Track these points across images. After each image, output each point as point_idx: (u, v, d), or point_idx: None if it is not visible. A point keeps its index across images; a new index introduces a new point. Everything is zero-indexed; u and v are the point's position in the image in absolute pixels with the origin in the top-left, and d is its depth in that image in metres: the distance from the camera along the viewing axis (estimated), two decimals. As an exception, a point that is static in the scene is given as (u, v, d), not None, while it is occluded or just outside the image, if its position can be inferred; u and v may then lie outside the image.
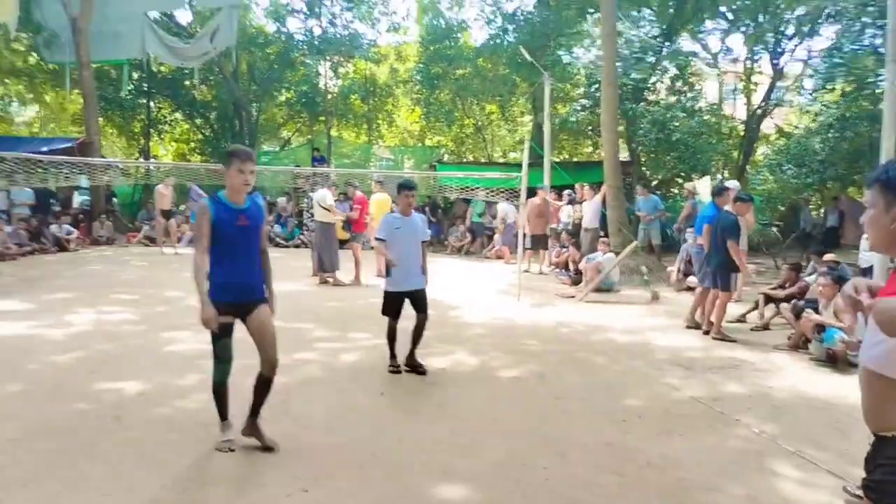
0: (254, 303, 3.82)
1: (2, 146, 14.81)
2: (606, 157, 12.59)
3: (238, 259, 3.75)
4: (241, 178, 3.71)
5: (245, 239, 3.78)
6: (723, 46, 19.60)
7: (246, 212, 3.80)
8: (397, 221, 5.63)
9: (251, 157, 3.78)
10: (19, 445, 3.91)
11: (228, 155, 3.77)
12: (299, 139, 25.37)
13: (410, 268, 5.54)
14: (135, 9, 18.34)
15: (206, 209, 3.67)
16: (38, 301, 8.43)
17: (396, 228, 5.57)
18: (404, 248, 5.52)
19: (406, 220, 5.64)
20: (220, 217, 3.68)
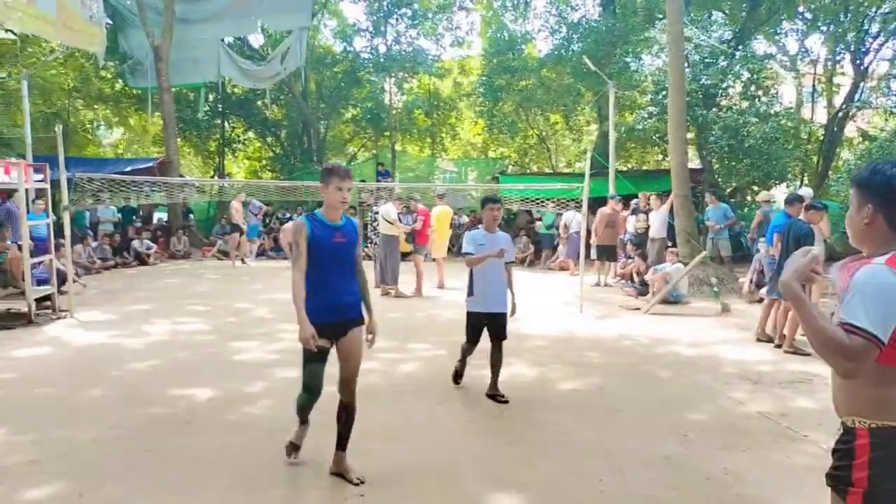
0: (350, 322, 3.72)
1: (90, 167, 15.87)
2: (674, 166, 12.29)
3: (335, 278, 3.66)
4: (340, 195, 3.61)
5: (342, 257, 3.68)
6: (801, 47, 18.88)
7: (342, 229, 3.69)
8: (481, 238, 5.31)
9: (349, 175, 3.69)
10: (101, 445, 4.18)
11: (327, 172, 3.66)
12: (364, 154, 25.94)
13: (493, 288, 5.21)
14: (211, 35, 19.32)
15: (303, 227, 3.57)
16: (120, 312, 8.96)
17: (480, 245, 5.25)
18: (488, 268, 5.20)
19: (491, 237, 5.30)
20: (316, 235, 3.57)
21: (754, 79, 15.89)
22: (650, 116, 16.32)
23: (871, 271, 1.85)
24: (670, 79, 12.38)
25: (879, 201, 1.95)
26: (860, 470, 1.88)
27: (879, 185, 1.95)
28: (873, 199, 1.97)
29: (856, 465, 1.89)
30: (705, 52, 15.55)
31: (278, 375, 5.87)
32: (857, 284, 1.85)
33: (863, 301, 1.80)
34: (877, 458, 1.86)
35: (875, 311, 1.78)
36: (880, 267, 1.85)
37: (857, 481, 1.89)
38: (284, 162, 23.45)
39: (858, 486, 1.88)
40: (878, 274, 1.84)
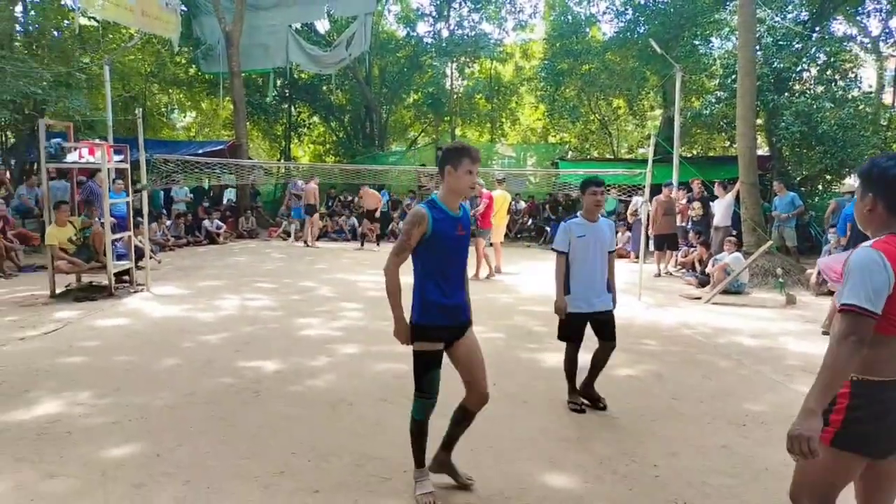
0: (464, 325, 3.36)
1: (165, 149, 16.63)
2: (741, 152, 11.90)
3: (453, 275, 3.25)
4: (470, 179, 3.19)
5: (460, 251, 3.29)
6: (884, 28, 17.84)
7: (462, 220, 3.27)
8: (580, 228, 4.59)
9: (479, 157, 3.26)
10: (174, 412, 4.46)
11: (456, 152, 3.18)
12: (425, 139, 26.13)
13: (594, 285, 4.60)
14: (280, 21, 19.82)
15: (424, 217, 3.10)
16: (192, 287, 9.42)
17: (580, 237, 4.56)
18: (588, 261, 4.56)
19: (592, 226, 4.60)
20: (438, 227, 3.13)
21: (831, 62, 15.15)
22: (718, 101, 15.81)
23: (858, 254, 2.13)
24: (740, 62, 11.96)
25: (879, 190, 2.21)
26: (837, 413, 2.16)
27: (878, 176, 2.21)
28: (874, 188, 2.22)
29: (835, 409, 2.16)
30: (779, 35, 14.91)
31: (341, 351, 6.09)
32: (849, 268, 2.13)
33: (853, 282, 2.08)
34: (853, 405, 2.15)
35: (864, 289, 2.05)
36: (866, 249, 2.12)
37: (833, 422, 2.16)
38: (347, 146, 23.90)
39: (832, 426, 2.16)
40: (863, 256, 2.11)
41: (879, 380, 2.13)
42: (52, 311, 7.58)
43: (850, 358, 2.04)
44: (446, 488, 3.45)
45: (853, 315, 2.05)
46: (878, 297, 2.05)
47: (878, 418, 2.13)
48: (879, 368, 2.13)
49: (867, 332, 2.05)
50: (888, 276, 2.06)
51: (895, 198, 2.18)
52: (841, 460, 2.19)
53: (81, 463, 3.63)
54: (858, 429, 2.14)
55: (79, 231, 8.67)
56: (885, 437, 2.16)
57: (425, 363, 3.23)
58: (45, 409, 4.43)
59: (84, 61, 16.21)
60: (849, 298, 2.07)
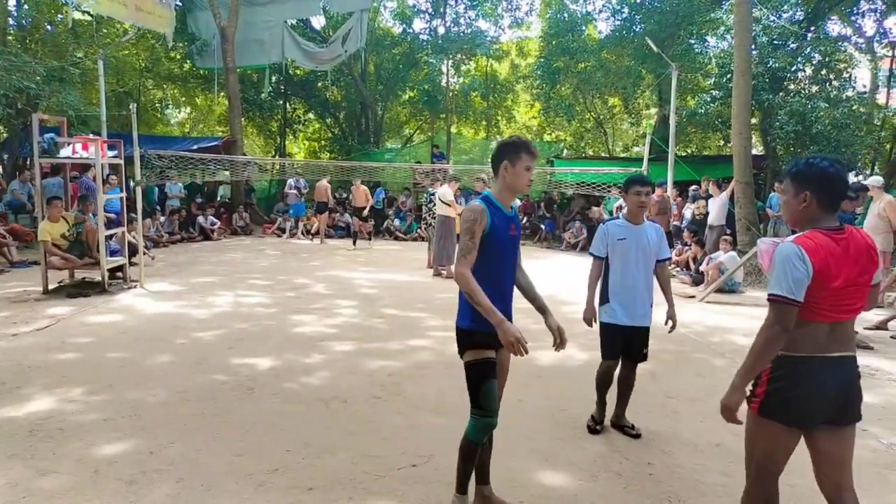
0: None
1: (159, 145, 16.56)
2: (736, 152, 11.95)
3: (505, 278, 3.05)
4: (528, 176, 3.00)
5: (513, 252, 3.08)
6: (879, 28, 17.89)
7: (514, 219, 3.09)
8: (620, 230, 4.12)
9: (537, 152, 3.07)
10: (168, 408, 4.44)
11: (513, 147, 2.98)
12: (420, 136, 26.10)
13: (636, 295, 4.09)
14: (276, 17, 19.74)
15: (483, 214, 2.90)
16: (186, 284, 9.39)
17: (620, 240, 4.09)
18: (630, 267, 4.07)
19: (635, 229, 4.10)
20: (495, 224, 2.93)
21: (826, 62, 15.18)
22: (713, 100, 15.84)
23: (782, 248, 2.38)
24: (736, 61, 12.00)
25: (815, 188, 2.41)
26: (762, 386, 2.46)
27: (814, 175, 2.42)
28: (810, 186, 2.42)
29: (760, 382, 2.46)
30: (774, 34, 14.93)
31: (335, 348, 6.08)
32: (774, 261, 2.38)
33: (778, 274, 2.34)
34: (774, 377, 2.42)
35: (786, 280, 2.31)
36: (789, 244, 2.37)
37: (759, 394, 2.47)
38: (342, 143, 23.85)
39: (758, 398, 2.47)
40: (786, 250, 2.35)
41: (797, 355, 2.39)
42: (45, 308, 7.54)
43: (776, 342, 2.34)
44: (438, 483, 3.44)
45: (778, 304, 2.32)
46: (799, 288, 2.30)
47: (795, 387, 2.39)
48: (797, 346, 2.38)
49: (790, 320, 2.32)
50: (807, 268, 2.30)
51: (829, 195, 2.41)
52: (768, 428, 2.46)
53: (74, 460, 3.61)
54: (778, 398, 2.41)
55: (72, 227, 8.62)
56: (803, 406, 2.39)
57: (481, 373, 2.94)
58: (37, 406, 4.40)
59: (78, 56, 16.10)
60: (774, 289, 2.33)
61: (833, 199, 2.43)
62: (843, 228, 2.42)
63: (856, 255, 2.38)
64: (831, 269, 2.32)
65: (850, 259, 2.36)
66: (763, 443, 2.50)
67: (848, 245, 2.38)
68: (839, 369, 2.40)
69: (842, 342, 2.41)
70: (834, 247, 2.35)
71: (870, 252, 2.42)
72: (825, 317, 2.36)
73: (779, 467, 2.53)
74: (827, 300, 2.34)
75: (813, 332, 2.38)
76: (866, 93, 17.54)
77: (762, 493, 2.56)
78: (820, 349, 2.38)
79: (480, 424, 2.95)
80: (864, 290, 2.42)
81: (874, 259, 2.44)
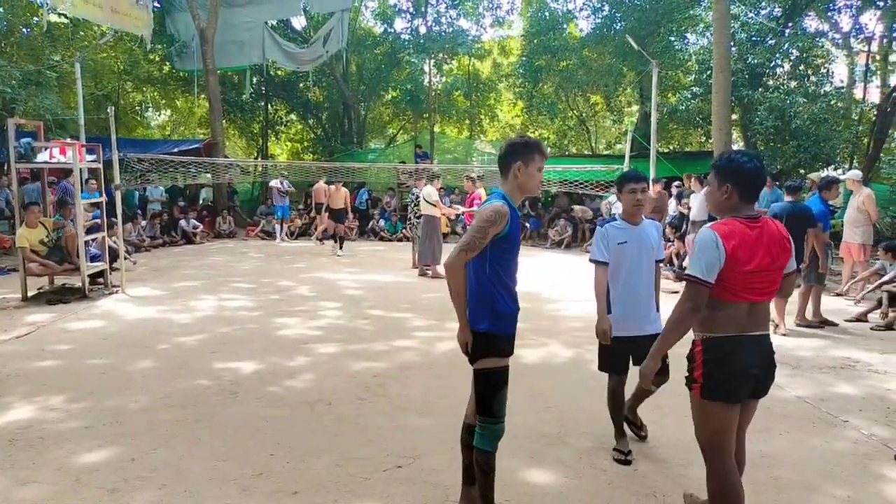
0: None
1: (139, 148, 16.37)
2: (717, 147, 12.05)
3: (515, 279, 2.96)
4: (540, 177, 2.95)
5: (517, 253, 2.98)
6: (855, 24, 18.14)
7: (520, 220, 3.04)
8: (620, 233, 3.82)
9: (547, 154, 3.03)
10: (150, 415, 4.39)
11: (527, 147, 2.91)
12: (403, 136, 26.06)
13: (640, 302, 3.85)
14: (256, 18, 19.58)
15: (505, 218, 2.78)
16: (168, 288, 9.30)
17: (620, 244, 3.79)
18: (633, 273, 3.80)
19: (635, 230, 3.83)
20: (513, 225, 2.84)
21: (804, 58, 15.38)
22: (694, 97, 15.99)
23: (700, 234, 2.62)
24: (715, 58, 12.12)
25: (735, 181, 2.63)
26: (699, 369, 2.65)
27: (735, 170, 2.64)
28: (731, 179, 2.64)
29: (696, 366, 2.66)
30: (753, 31, 15.10)
31: (319, 351, 6.05)
32: (694, 245, 2.65)
33: (695, 257, 2.58)
34: (707, 360, 2.63)
35: (700, 263, 2.54)
36: (706, 230, 2.60)
37: (697, 378, 2.65)
38: (325, 144, 23.74)
39: (698, 382, 2.65)
40: (703, 235, 2.59)
41: (721, 336, 2.62)
42: (24, 315, 7.43)
43: (689, 318, 2.61)
44: (424, 483, 3.43)
45: (691, 284, 2.58)
46: (711, 270, 2.53)
47: (725, 366, 2.60)
48: (719, 327, 2.61)
49: (702, 298, 2.56)
50: (720, 252, 2.52)
51: (747, 188, 2.64)
52: (711, 409, 2.64)
53: (55, 468, 3.56)
54: (714, 379, 2.61)
55: (51, 232, 8.50)
56: (732, 382, 2.61)
57: (498, 382, 2.85)
58: (17, 415, 4.34)
59: (55, 59, 15.91)
60: (690, 270, 2.57)
61: (751, 192, 2.67)
62: (759, 218, 2.64)
63: (769, 242, 2.59)
64: (744, 253, 2.54)
65: (763, 246, 2.58)
66: (712, 423, 2.67)
67: (762, 233, 2.60)
68: (759, 345, 2.65)
69: (759, 322, 2.66)
70: (748, 233, 2.57)
71: (783, 242, 2.64)
72: (742, 298, 2.59)
73: (731, 444, 2.70)
74: (741, 282, 2.56)
75: (734, 313, 2.60)
76: (844, 88, 17.79)
77: (724, 470, 2.69)
78: (741, 329, 2.61)
79: (494, 432, 2.89)
80: (777, 275, 2.65)
81: (787, 248, 2.66)
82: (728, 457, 2.68)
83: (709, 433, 2.69)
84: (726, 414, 2.63)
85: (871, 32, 18.24)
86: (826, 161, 14.80)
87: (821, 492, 3.41)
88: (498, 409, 2.86)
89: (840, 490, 3.42)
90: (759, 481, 3.53)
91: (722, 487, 2.69)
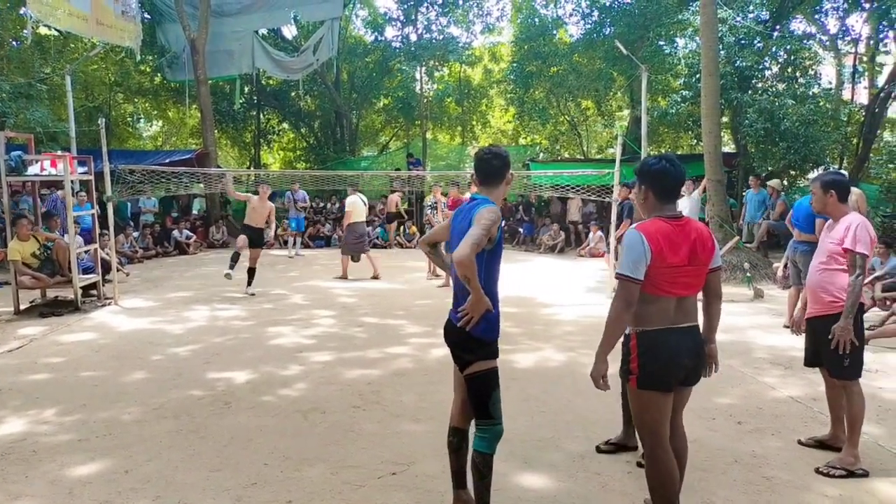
0: None
1: (131, 159, 16.35)
2: (707, 150, 12.11)
3: (497, 286, 3.02)
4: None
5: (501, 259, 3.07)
6: (842, 26, 18.31)
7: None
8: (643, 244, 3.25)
9: None
10: (144, 426, 4.38)
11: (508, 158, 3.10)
12: (396, 144, 26.10)
13: None
14: (246, 27, 19.63)
15: (500, 215, 2.93)
16: (161, 299, 9.28)
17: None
18: None
19: None
20: (500, 230, 2.95)
21: (792, 60, 15.49)
22: (683, 100, 16.07)
23: (627, 235, 2.77)
24: (703, 62, 12.18)
25: (648, 183, 2.84)
26: (634, 363, 2.81)
27: (647, 172, 2.85)
28: (646, 181, 2.85)
29: (632, 358, 2.83)
30: (741, 34, 15.21)
31: (313, 359, 6.04)
32: (623, 245, 2.80)
33: (623, 256, 2.74)
34: (641, 353, 2.79)
35: (627, 261, 2.70)
36: (632, 230, 2.76)
37: (633, 370, 2.82)
38: (318, 152, 23.75)
39: (634, 374, 2.81)
40: (630, 236, 2.75)
41: (653, 329, 2.78)
42: (17, 328, 7.40)
43: (623, 313, 2.73)
44: (418, 490, 3.44)
45: (622, 281, 2.73)
46: (638, 267, 2.68)
47: (658, 358, 2.76)
48: (651, 320, 2.78)
49: (633, 294, 2.71)
50: (644, 250, 2.68)
51: (660, 188, 2.82)
52: (647, 397, 2.80)
53: (48, 482, 3.55)
54: (649, 370, 2.77)
55: (42, 245, 8.48)
56: (664, 372, 2.77)
57: (491, 383, 2.96)
58: (9, 429, 4.32)
59: (45, 72, 15.88)
60: (620, 269, 2.73)
61: (665, 192, 2.83)
62: (681, 217, 2.81)
63: (691, 240, 2.75)
64: (668, 249, 2.70)
65: (686, 243, 2.74)
66: (649, 411, 2.82)
67: (684, 231, 2.76)
68: (689, 336, 2.82)
69: (687, 314, 2.82)
70: (671, 231, 2.73)
71: (704, 240, 2.79)
72: (669, 292, 2.76)
73: (666, 430, 2.85)
74: (667, 277, 2.72)
75: (664, 307, 2.77)
76: (832, 89, 17.92)
77: (661, 454, 2.83)
78: (671, 322, 2.78)
79: (494, 434, 2.96)
80: (701, 270, 2.81)
81: (710, 245, 2.81)
82: (663, 441, 2.83)
83: (645, 421, 2.84)
84: (660, 402, 2.80)
85: (857, 34, 18.43)
86: (816, 162, 14.90)
87: (813, 490, 3.43)
88: (494, 410, 2.96)
89: (832, 489, 3.44)
90: (752, 481, 3.55)
91: (658, 470, 2.84)
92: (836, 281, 3.72)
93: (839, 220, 3.77)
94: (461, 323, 2.84)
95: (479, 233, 2.77)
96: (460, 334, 2.91)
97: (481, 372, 2.93)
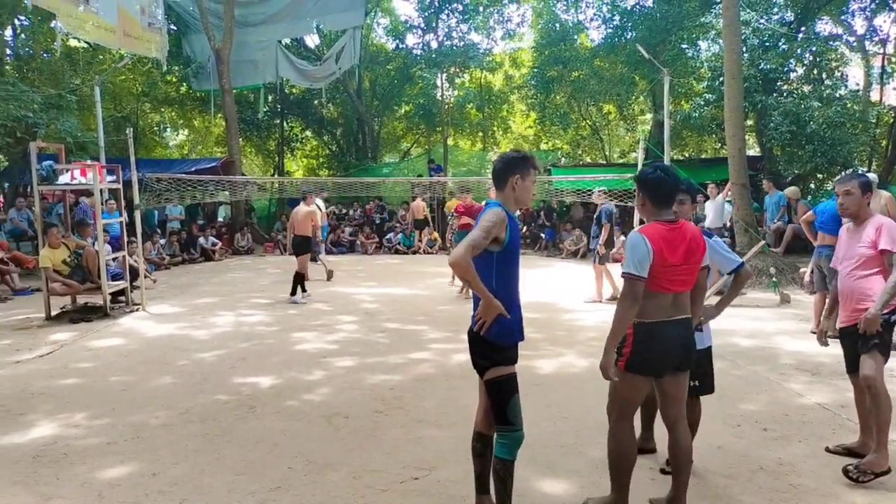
0: None
1: (158, 168, 16.64)
2: (731, 154, 11.99)
3: (518, 288, 3.04)
4: (534, 189, 3.11)
5: (519, 262, 3.06)
6: (869, 26, 18.00)
7: (519, 229, 3.18)
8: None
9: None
10: (170, 430, 4.45)
11: (523, 161, 3.01)
12: (417, 150, 26.22)
13: None
14: (269, 37, 19.93)
15: (504, 222, 2.86)
16: (187, 305, 9.42)
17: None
18: None
19: None
20: (514, 234, 2.93)
21: (817, 61, 15.29)
22: (707, 104, 15.92)
23: (630, 236, 3.07)
24: (726, 65, 12.07)
25: (645, 191, 3.10)
26: (627, 348, 3.04)
27: (642, 182, 3.12)
28: (642, 190, 3.11)
29: (626, 345, 3.04)
30: (764, 36, 15.04)
31: (336, 364, 6.09)
32: (626, 245, 3.06)
33: (628, 256, 2.97)
34: (636, 341, 3.02)
35: (632, 260, 2.93)
36: (634, 232, 3.06)
37: (625, 354, 3.04)
38: (341, 159, 23.98)
39: (625, 357, 3.04)
40: (632, 237, 3.03)
41: (650, 321, 3.01)
42: (48, 334, 7.57)
43: (630, 310, 2.95)
44: (440, 495, 3.45)
45: (628, 280, 2.95)
46: (643, 265, 2.92)
47: (651, 348, 3.02)
48: (649, 314, 3.00)
49: (639, 291, 2.94)
50: (647, 250, 2.92)
51: (655, 195, 3.07)
52: (631, 380, 3.08)
53: (78, 484, 3.63)
54: (640, 356, 3.02)
55: (72, 252, 8.66)
56: (657, 360, 3.04)
57: (510, 388, 2.94)
58: (40, 432, 4.42)
59: (75, 83, 16.25)
60: (625, 268, 2.96)
61: (660, 199, 3.07)
62: (677, 221, 3.08)
63: (686, 241, 3.02)
64: (667, 250, 2.96)
65: (683, 244, 3.01)
66: (626, 391, 3.12)
67: (679, 233, 3.03)
68: (681, 327, 3.07)
69: (681, 308, 3.08)
70: (668, 233, 3.00)
71: (697, 242, 3.07)
72: (667, 289, 3.01)
73: (633, 411, 3.20)
74: (667, 275, 2.98)
75: (662, 302, 3.02)
76: (859, 91, 17.61)
77: (624, 429, 3.14)
78: (667, 314, 3.03)
79: (514, 440, 2.96)
80: (695, 268, 3.09)
81: (701, 246, 3.09)
82: (628, 422, 3.16)
83: (622, 398, 3.14)
84: (641, 385, 3.11)
85: (886, 34, 18.10)
86: (843, 165, 14.63)
87: (841, 499, 3.38)
88: (513, 417, 2.95)
89: (859, 498, 3.38)
90: (778, 489, 3.50)
91: (619, 442, 3.14)
92: (875, 286, 3.65)
93: (864, 223, 3.74)
94: (476, 327, 2.91)
95: (476, 234, 2.79)
96: (475, 338, 2.97)
97: (498, 378, 2.94)
